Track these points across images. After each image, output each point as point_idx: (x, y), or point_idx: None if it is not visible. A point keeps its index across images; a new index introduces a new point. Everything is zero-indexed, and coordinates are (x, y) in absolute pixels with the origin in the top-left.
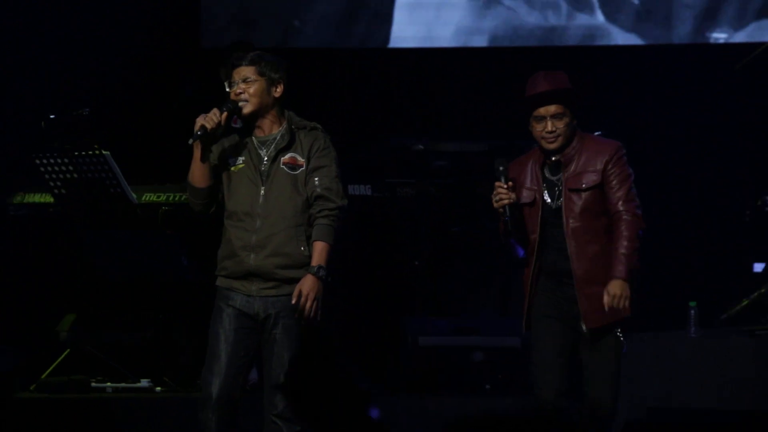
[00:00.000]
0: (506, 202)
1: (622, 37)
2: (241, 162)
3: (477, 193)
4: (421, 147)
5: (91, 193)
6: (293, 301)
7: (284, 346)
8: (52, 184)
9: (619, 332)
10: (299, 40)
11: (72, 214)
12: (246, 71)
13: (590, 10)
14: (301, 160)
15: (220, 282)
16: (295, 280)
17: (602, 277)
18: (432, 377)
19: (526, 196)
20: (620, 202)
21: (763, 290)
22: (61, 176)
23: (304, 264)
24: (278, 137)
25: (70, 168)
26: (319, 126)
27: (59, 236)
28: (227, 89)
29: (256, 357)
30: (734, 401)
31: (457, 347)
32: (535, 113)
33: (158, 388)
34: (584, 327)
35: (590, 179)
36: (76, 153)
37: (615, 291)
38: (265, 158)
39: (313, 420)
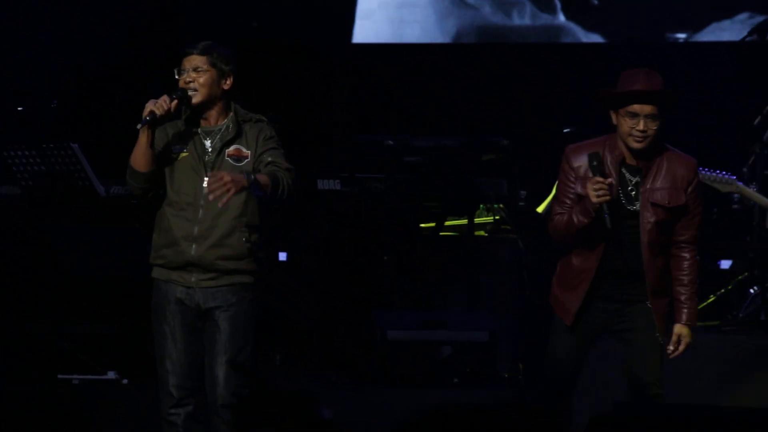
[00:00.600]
0: (607, 198)
1: (585, 36)
2: (185, 151)
3: (449, 189)
4: (391, 142)
5: (59, 185)
6: (210, 180)
7: (226, 336)
8: (19, 176)
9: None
10: (268, 34)
11: (39, 206)
12: (197, 60)
13: (553, 11)
14: (246, 151)
15: (157, 273)
16: (236, 272)
17: (665, 291)
18: (400, 371)
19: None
20: (692, 234)
21: (730, 287)
22: (29, 168)
23: (246, 256)
24: (224, 129)
25: (38, 160)
26: (264, 118)
27: (26, 229)
28: (176, 76)
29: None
30: (701, 396)
31: (425, 341)
32: (629, 109)
33: (125, 380)
34: (659, 337)
35: (677, 199)
36: (44, 145)
37: (686, 339)
38: (210, 149)
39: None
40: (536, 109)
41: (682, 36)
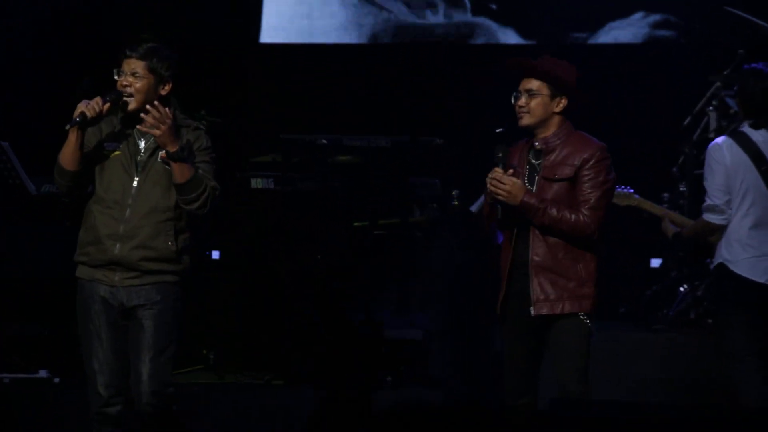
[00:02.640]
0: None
1: (493, 36)
2: (117, 149)
3: (382, 189)
4: (324, 141)
5: None
6: (153, 110)
7: (150, 334)
8: None
9: (584, 317)
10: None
11: None
12: (136, 64)
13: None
14: (187, 151)
15: (81, 272)
16: (160, 273)
17: (558, 268)
18: None
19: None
20: (586, 206)
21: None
22: None
23: (171, 259)
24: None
25: None
26: (202, 126)
27: None
28: (115, 77)
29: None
30: (631, 394)
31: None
32: (519, 87)
33: (56, 379)
34: (532, 312)
35: (564, 172)
36: None
37: (506, 185)
38: (143, 149)
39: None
40: (468, 109)
41: (582, 36)
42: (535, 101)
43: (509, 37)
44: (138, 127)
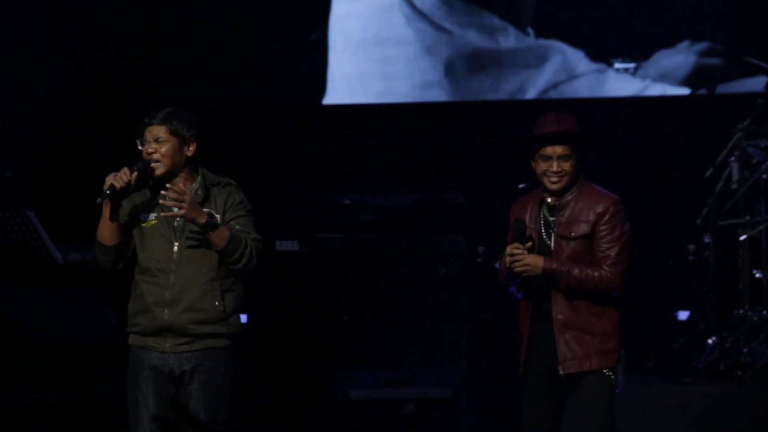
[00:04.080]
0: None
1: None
2: (153, 218)
3: (403, 247)
4: (348, 201)
5: (16, 254)
6: (170, 189)
7: (199, 402)
8: None
9: (609, 372)
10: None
11: None
12: (157, 130)
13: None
14: (215, 216)
15: (133, 340)
16: (210, 336)
17: (582, 325)
18: (364, 430)
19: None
20: (607, 262)
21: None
22: None
23: (220, 319)
24: (192, 193)
25: None
26: (233, 182)
27: None
28: (139, 147)
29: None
30: None
31: (388, 399)
32: (542, 152)
33: None
34: (561, 371)
35: (580, 229)
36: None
37: (526, 260)
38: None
39: None
40: (491, 165)
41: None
42: (568, 164)
43: (579, 58)
44: (162, 214)
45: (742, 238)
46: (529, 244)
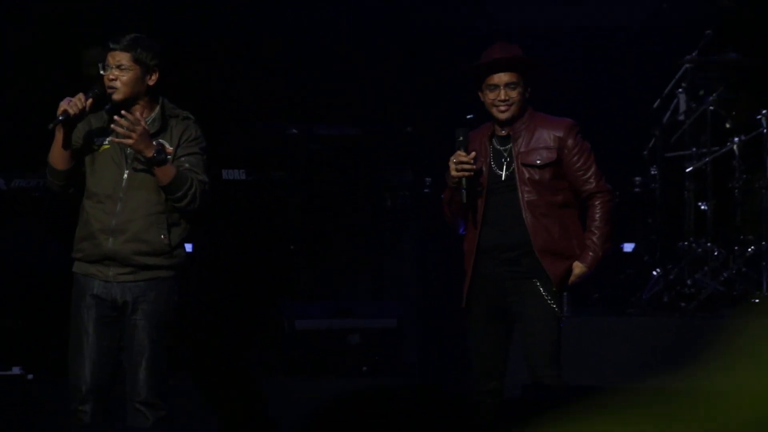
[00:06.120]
0: (467, 174)
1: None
2: (106, 143)
3: (350, 178)
4: (295, 131)
5: None
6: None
7: (144, 332)
8: None
9: (553, 303)
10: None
11: None
12: (120, 57)
13: None
14: (169, 147)
15: (77, 268)
16: (154, 267)
17: (561, 249)
18: (310, 360)
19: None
20: (592, 181)
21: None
22: None
23: (164, 252)
24: (149, 123)
25: None
26: (192, 116)
27: None
28: (101, 71)
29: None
30: (606, 378)
31: (333, 330)
32: (489, 81)
33: (30, 376)
34: (556, 311)
35: (545, 156)
36: None
37: (576, 272)
38: None
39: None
40: (440, 96)
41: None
42: (515, 93)
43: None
44: (111, 139)
45: (689, 170)
46: (473, 154)
